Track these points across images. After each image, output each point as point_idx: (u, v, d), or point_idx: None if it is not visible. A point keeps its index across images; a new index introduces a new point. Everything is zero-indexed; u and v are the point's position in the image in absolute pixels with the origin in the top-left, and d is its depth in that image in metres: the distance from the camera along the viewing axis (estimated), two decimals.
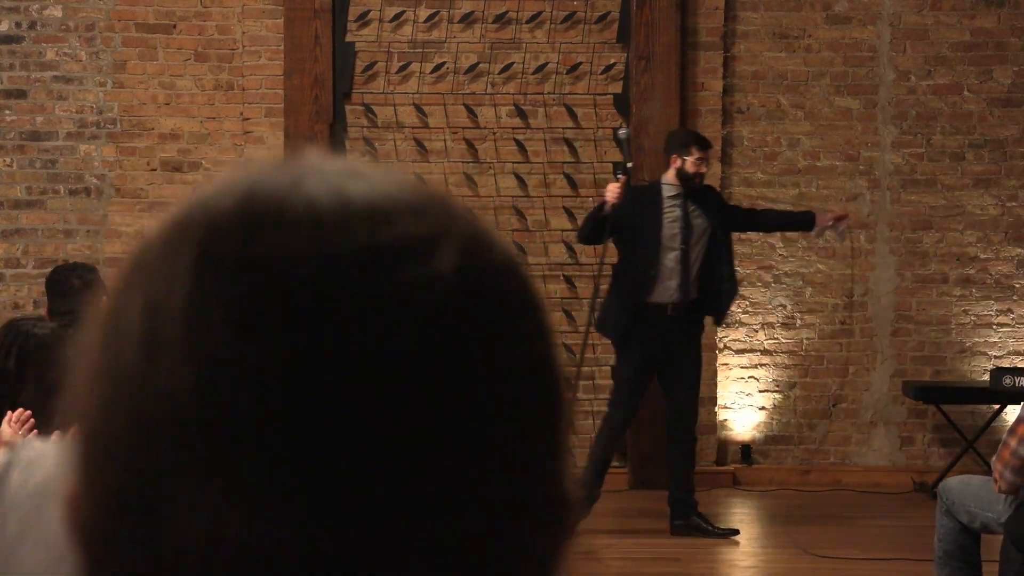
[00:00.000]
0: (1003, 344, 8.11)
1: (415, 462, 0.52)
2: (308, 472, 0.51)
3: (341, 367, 0.51)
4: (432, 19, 7.98)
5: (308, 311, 0.51)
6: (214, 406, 0.51)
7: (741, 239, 8.08)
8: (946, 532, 4.93)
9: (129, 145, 7.95)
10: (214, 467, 0.51)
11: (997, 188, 8.09)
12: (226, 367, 0.51)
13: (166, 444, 0.52)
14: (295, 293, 0.52)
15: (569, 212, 7.94)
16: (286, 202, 0.54)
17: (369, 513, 0.51)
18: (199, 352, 0.52)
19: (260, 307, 0.52)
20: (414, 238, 0.54)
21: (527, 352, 0.56)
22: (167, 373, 0.52)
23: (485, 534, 0.53)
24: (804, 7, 8.04)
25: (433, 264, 0.53)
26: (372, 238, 0.53)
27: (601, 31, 8.00)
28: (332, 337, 0.51)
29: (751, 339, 8.11)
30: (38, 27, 7.92)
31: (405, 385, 0.52)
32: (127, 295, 0.55)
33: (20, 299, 7.91)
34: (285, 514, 0.51)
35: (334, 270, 0.52)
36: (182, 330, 0.52)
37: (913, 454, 8.10)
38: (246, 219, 0.54)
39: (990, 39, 8.06)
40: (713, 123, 7.98)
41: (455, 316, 0.53)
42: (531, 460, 0.55)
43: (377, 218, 0.54)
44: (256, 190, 0.55)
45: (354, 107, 7.97)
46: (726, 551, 6.55)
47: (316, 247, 0.52)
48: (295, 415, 0.51)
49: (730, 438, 8.10)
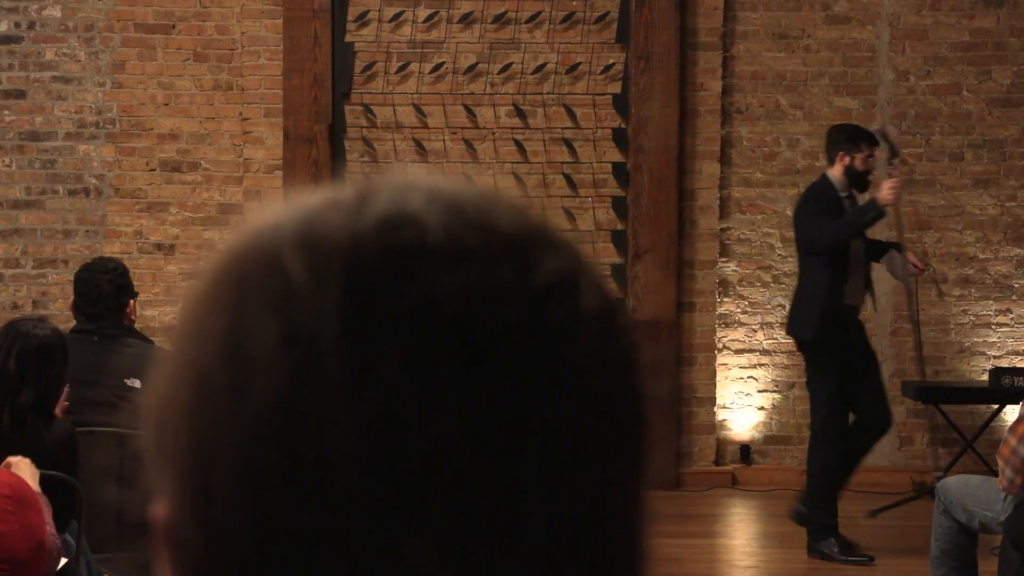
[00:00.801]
0: (1002, 344, 8.11)
1: (558, 505, 0.51)
2: (479, 517, 0.50)
3: (509, 409, 0.51)
4: (431, 19, 7.98)
5: (476, 349, 0.51)
6: (389, 447, 0.50)
7: (740, 239, 8.08)
8: (943, 531, 4.92)
9: (128, 145, 7.95)
10: (393, 511, 0.50)
11: (996, 188, 8.09)
12: (400, 405, 0.50)
13: (335, 484, 0.50)
14: (462, 331, 0.51)
15: (568, 212, 7.94)
16: (427, 231, 0.52)
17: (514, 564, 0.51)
18: (370, 390, 0.50)
19: (433, 347, 0.50)
20: (559, 274, 0.53)
21: (638, 390, 0.56)
22: (329, 408, 0.50)
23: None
24: (803, 7, 8.04)
25: (581, 301, 0.53)
26: (521, 274, 0.52)
27: (600, 31, 8.00)
28: (498, 377, 0.51)
29: (750, 339, 8.11)
30: (37, 27, 7.91)
31: (563, 428, 0.52)
32: (242, 319, 0.52)
33: (19, 299, 7.90)
34: (469, 562, 0.50)
35: (491, 307, 0.51)
36: (344, 367, 0.50)
37: (913, 454, 8.10)
38: (391, 250, 0.52)
39: (989, 39, 8.06)
40: (712, 123, 7.99)
41: (602, 355, 0.53)
42: (632, 514, 0.56)
43: (518, 251, 0.53)
44: (392, 215, 0.53)
45: (353, 107, 7.96)
46: (726, 551, 6.55)
47: (469, 282, 0.51)
48: (472, 458, 0.50)
49: (729, 438, 8.09)
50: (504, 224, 0.54)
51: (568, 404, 0.52)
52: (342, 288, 0.51)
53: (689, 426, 7.96)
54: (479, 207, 0.55)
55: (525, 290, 0.52)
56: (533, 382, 0.51)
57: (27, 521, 3.33)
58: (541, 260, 0.53)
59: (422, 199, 0.54)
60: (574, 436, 0.52)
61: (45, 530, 3.38)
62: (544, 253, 0.54)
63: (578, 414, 0.52)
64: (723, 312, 8.07)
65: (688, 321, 7.97)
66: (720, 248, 8.03)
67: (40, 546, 3.35)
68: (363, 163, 7.97)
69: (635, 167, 7.88)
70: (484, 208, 0.55)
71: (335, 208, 0.54)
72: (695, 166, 7.97)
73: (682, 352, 7.93)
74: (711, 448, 8.00)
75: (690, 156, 7.96)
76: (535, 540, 0.51)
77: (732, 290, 8.08)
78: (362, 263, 0.52)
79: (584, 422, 0.52)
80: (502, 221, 0.54)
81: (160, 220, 7.94)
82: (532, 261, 0.53)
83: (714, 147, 7.99)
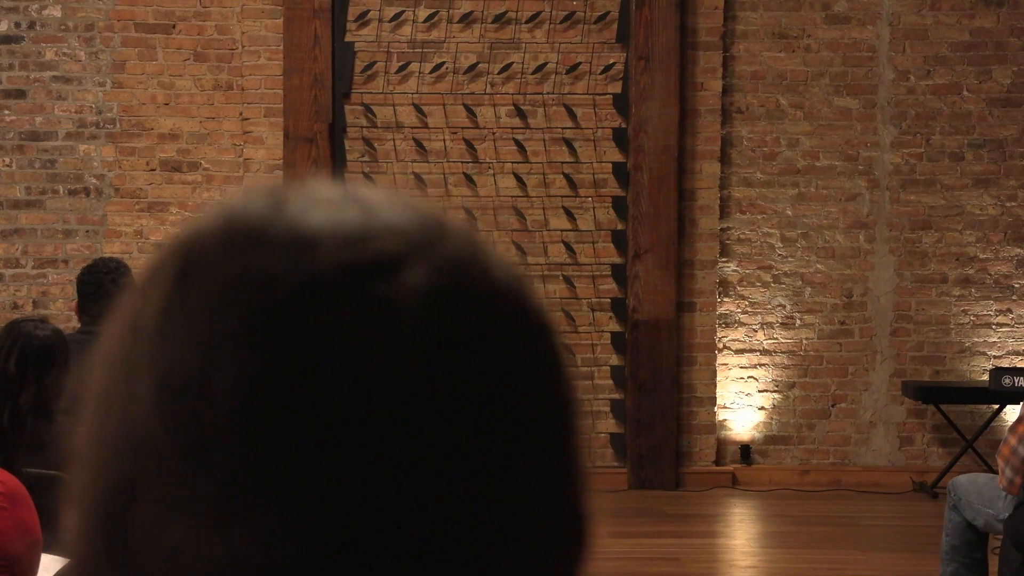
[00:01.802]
0: (1002, 344, 8.11)
1: (388, 478, 0.51)
2: (269, 489, 0.51)
3: (300, 382, 0.51)
4: (431, 19, 7.98)
5: (270, 327, 0.51)
6: (175, 421, 0.52)
7: (740, 239, 8.08)
8: (953, 527, 4.99)
9: (128, 145, 7.95)
10: (180, 482, 0.51)
11: (996, 188, 8.09)
12: (182, 380, 0.52)
13: (137, 460, 0.53)
14: (257, 310, 0.52)
15: (568, 212, 7.94)
16: (268, 224, 0.54)
17: (345, 533, 0.51)
18: (161, 366, 0.52)
19: (222, 322, 0.52)
20: (387, 255, 0.53)
21: (524, 373, 0.55)
22: (138, 387, 0.53)
23: (489, 555, 0.53)
24: (803, 7, 8.04)
25: (400, 281, 0.53)
26: (343, 256, 0.53)
27: (600, 31, 8.00)
28: (294, 353, 0.51)
29: (750, 339, 8.11)
30: (37, 27, 7.91)
31: (370, 400, 0.51)
32: (117, 315, 0.57)
33: (19, 299, 7.90)
34: (253, 532, 0.51)
35: (304, 289, 0.52)
36: (150, 345, 0.53)
37: (912, 454, 8.10)
38: (226, 239, 0.54)
39: (989, 39, 8.06)
40: (712, 123, 7.99)
41: (423, 334, 0.53)
42: (536, 479, 0.55)
43: (354, 238, 0.54)
44: (239, 212, 0.55)
45: (353, 107, 7.96)
46: (726, 551, 6.55)
47: (290, 267, 0.52)
48: (254, 431, 0.51)
49: (729, 438, 8.10)
50: (359, 218, 0.55)
51: (376, 378, 0.51)
52: (171, 276, 0.54)
53: (689, 426, 7.97)
54: (357, 209, 0.55)
55: (341, 270, 0.53)
56: (330, 354, 0.51)
57: (20, 518, 3.33)
58: (371, 244, 0.54)
59: (300, 203, 0.55)
60: (378, 408, 0.51)
61: (39, 528, 3.38)
62: (380, 237, 0.54)
63: (387, 387, 0.51)
64: (723, 312, 8.08)
65: (688, 321, 7.97)
66: (720, 248, 8.03)
67: (36, 544, 3.35)
68: (363, 163, 7.97)
69: (635, 167, 7.88)
70: (359, 210, 0.55)
71: (213, 212, 0.57)
72: (695, 166, 7.97)
73: (682, 352, 7.93)
74: (711, 448, 8.00)
75: (690, 156, 7.96)
76: (305, 518, 0.51)
77: (732, 290, 8.09)
78: (195, 254, 0.55)
79: (392, 395, 0.51)
80: (359, 217, 0.55)
81: (160, 220, 7.94)
82: (361, 245, 0.54)
83: (714, 147, 7.99)
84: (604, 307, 7.97)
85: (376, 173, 7.95)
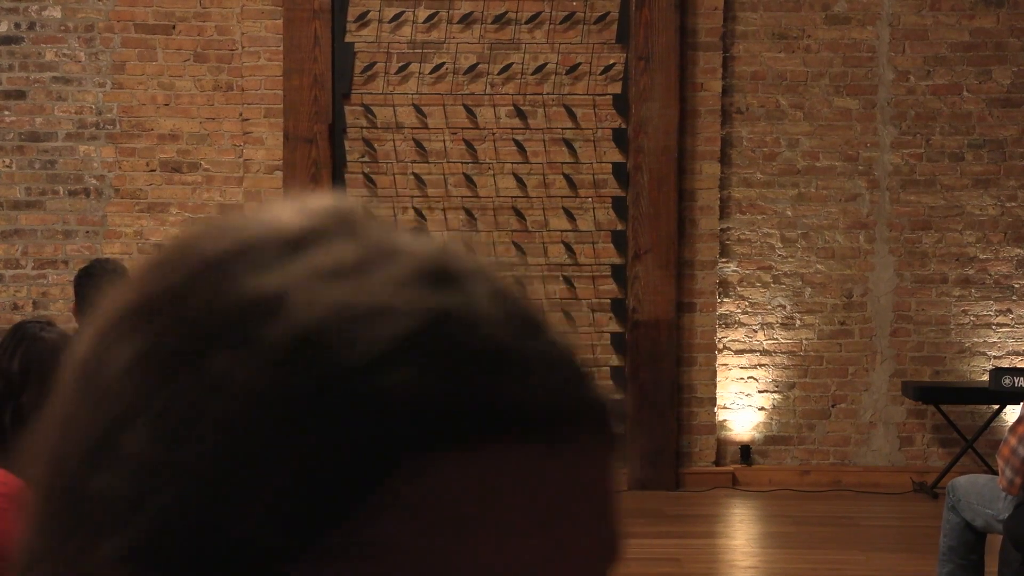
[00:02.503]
0: (1002, 344, 8.11)
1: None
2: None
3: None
4: (431, 20, 7.98)
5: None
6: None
7: (740, 239, 8.08)
8: (951, 528, 5.00)
9: (128, 146, 7.95)
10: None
11: (996, 188, 8.10)
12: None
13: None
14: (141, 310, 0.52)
15: (568, 212, 7.95)
16: (222, 242, 0.52)
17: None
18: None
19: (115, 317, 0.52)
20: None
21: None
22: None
23: None
24: (803, 7, 8.04)
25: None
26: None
27: (600, 31, 8.00)
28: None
29: (750, 339, 8.11)
30: (37, 28, 7.91)
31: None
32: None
33: (20, 300, 7.90)
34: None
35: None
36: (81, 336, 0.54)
37: (912, 454, 8.11)
38: (160, 264, 0.53)
39: (989, 39, 8.07)
40: (712, 123, 7.99)
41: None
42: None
43: (295, 244, 0.52)
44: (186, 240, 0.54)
45: (353, 107, 7.97)
46: (726, 551, 6.55)
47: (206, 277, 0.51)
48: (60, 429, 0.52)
49: (729, 438, 8.10)
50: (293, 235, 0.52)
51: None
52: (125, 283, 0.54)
53: (689, 426, 7.97)
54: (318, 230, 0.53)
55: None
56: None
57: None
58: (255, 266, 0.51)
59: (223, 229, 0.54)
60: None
61: None
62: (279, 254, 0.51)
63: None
64: (723, 312, 8.08)
65: (688, 321, 7.98)
66: (720, 248, 8.04)
67: None
68: (363, 163, 7.98)
69: (635, 167, 7.89)
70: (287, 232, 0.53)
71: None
72: (695, 166, 7.98)
73: (682, 352, 7.94)
74: (711, 448, 8.01)
75: (690, 156, 7.97)
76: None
77: (732, 290, 8.09)
78: (148, 266, 0.54)
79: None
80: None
81: (160, 221, 7.94)
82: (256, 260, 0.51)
83: (714, 147, 7.99)
84: (604, 308, 7.97)
85: (376, 174, 7.95)
